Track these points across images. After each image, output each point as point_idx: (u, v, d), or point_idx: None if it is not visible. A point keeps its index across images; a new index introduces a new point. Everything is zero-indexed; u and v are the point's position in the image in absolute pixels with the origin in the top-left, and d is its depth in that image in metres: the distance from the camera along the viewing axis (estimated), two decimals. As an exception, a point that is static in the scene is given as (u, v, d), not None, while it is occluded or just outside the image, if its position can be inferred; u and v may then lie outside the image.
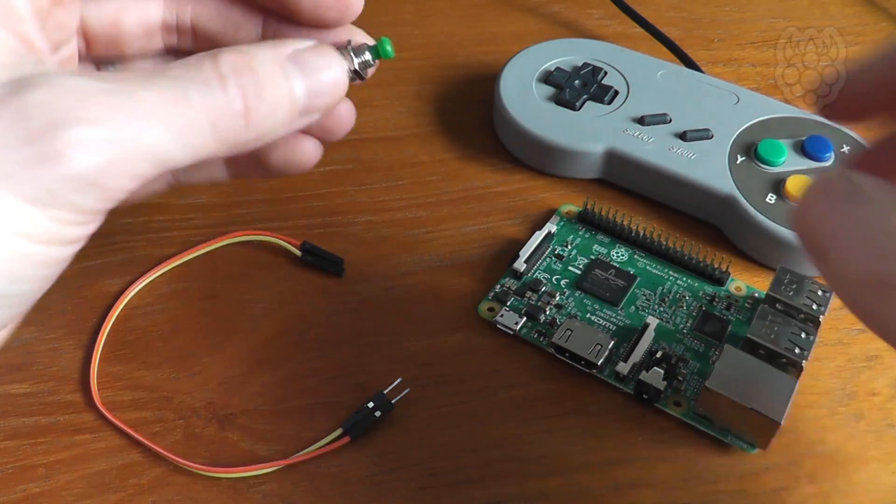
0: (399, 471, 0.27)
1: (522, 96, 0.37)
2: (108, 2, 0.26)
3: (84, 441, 0.27)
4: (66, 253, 0.21)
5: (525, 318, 0.30)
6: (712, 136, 0.35)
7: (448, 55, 0.43)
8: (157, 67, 0.23)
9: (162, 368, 0.29)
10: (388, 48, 0.26)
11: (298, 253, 0.33)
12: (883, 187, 0.17)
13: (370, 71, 0.26)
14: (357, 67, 0.26)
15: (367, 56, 0.26)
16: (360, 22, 0.46)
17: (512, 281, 0.32)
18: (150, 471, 0.27)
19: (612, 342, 0.29)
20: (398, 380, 0.28)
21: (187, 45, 0.28)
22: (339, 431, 0.27)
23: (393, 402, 0.28)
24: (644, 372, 0.28)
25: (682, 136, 0.35)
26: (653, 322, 0.30)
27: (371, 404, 0.28)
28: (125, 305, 0.31)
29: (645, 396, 0.28)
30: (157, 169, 0.21)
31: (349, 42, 0.26)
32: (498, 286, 0.32)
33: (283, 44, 0.24)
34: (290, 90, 0.24)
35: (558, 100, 0.37)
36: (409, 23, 0.45)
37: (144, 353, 0.30)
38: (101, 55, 0.26)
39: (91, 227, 0.22)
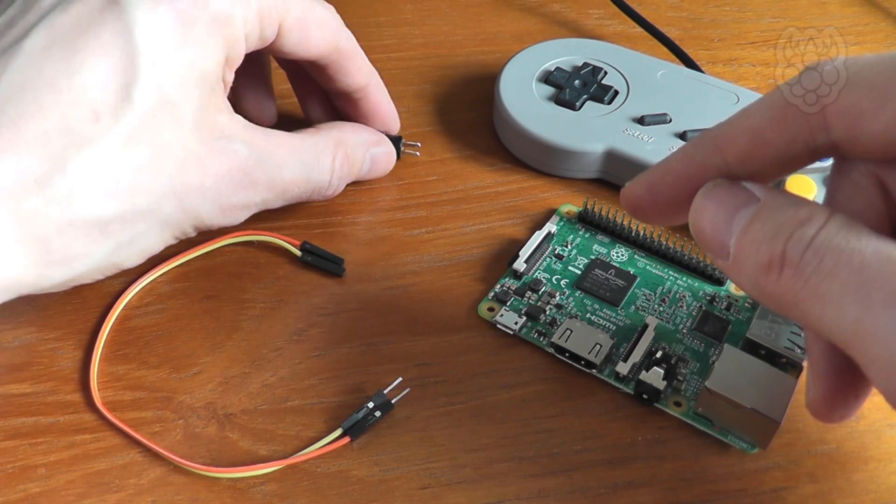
0: (399, 471, 0.27)
1: (522, 96, 0.37)
2: None
3: (84, 441, 0.27)
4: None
5: (525, 318, 0.30)
6: (712, 136, 0.35)
7: (448, 55, 0.43)
8: (294, 142, 0.31)
9: (162, 368, 0.29)
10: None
11: (298, 253, 0.33)
12: (769, 189, 0.21)
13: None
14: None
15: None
16: (359, 22, 0.46)
17: (512, 281, 0.32)
18: (150, 471, 0.27)
19: (612, 342, 0.29)
20: (398, 380, 0.28)
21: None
22: (339, 431, 0.27)
23: (393, 402, 0.28)
24: (644, 372, 0.28)
25: (682, 136, 0.35)
26: (653, 322, 0.30)
27: (371, 404, 0.28)
28: (125, 305, 0.31)
29: (645, 396, 0.28)
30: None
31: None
32: (498, 286, 0.32)
33: (370, 135, 0.34)
34: (359, 174, 0.34)
35: (558, 100, 0.37)
36: (408, 23, 0.45)
37: (144, 353, 0.30)
38: None
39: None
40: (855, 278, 0.18)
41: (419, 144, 0.37)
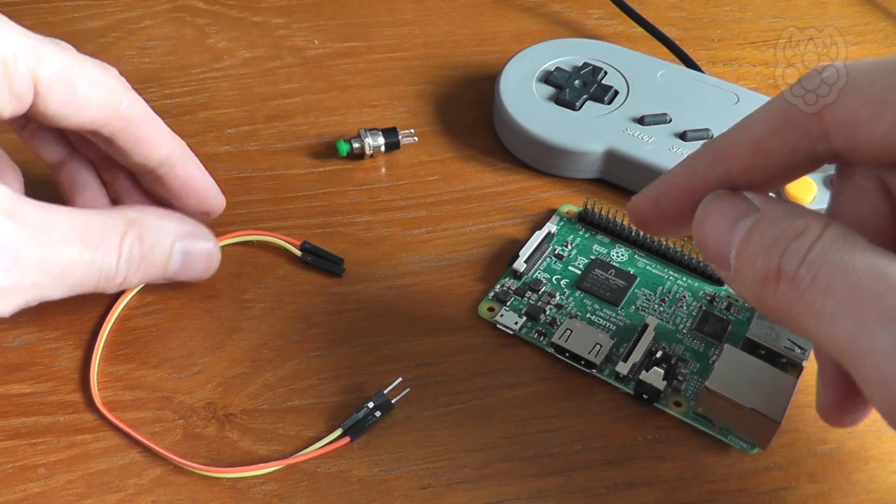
0: (399, 471, 0.27)
1: (522, 96, 0.37)
2: None
3: (84, 441, 0.27)
4: None
5: (525, 318, 0.30)
6: (712, 136, 0.35)
7: (448, 55, 0.43)
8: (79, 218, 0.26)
9: (162, 368, 0.29)
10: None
11: (298, 253, 0.33)
12: (769, 199, 0.21)
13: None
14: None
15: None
16: (359, 22, 0.46)
17: (512, 281, 0.32)
18: (150, 471, 0.27)
19: (612, 342, 0.29)
20: (398, 380, 0.28)
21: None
22: (339, 431, 0.27)
23: (393, 402, 0.28)
24: (644, 372, 0.28)
25: (682, 136, 0.35)
26: (653, 322, 0.30)
27: (371, 404, 0.28)
28: (125, 305, 0.31)
29: (645, 396, 0.28)
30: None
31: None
32: (498, 286, 0.32)
33: (180, 225, 0.29)
34: (167, 269, 0.29)
35: (558, 100, 0.37)
36: (408, 23, 0.45)
37: (144, 353, 0.30)
38: None
39: None
40: (848, 295, 0.18)
41: (413, 130, 0.37)
